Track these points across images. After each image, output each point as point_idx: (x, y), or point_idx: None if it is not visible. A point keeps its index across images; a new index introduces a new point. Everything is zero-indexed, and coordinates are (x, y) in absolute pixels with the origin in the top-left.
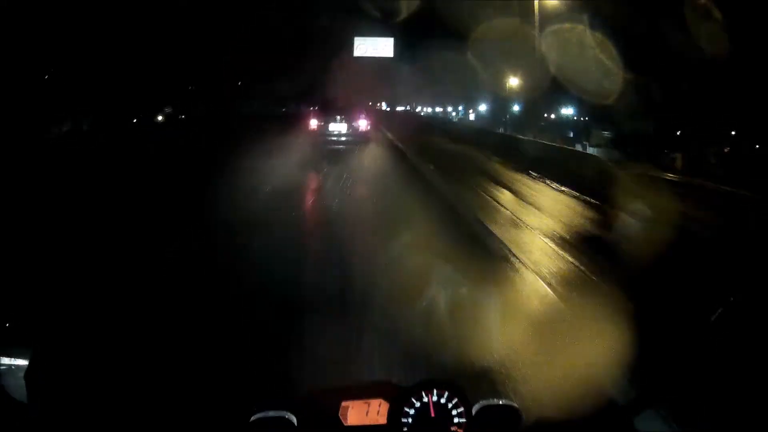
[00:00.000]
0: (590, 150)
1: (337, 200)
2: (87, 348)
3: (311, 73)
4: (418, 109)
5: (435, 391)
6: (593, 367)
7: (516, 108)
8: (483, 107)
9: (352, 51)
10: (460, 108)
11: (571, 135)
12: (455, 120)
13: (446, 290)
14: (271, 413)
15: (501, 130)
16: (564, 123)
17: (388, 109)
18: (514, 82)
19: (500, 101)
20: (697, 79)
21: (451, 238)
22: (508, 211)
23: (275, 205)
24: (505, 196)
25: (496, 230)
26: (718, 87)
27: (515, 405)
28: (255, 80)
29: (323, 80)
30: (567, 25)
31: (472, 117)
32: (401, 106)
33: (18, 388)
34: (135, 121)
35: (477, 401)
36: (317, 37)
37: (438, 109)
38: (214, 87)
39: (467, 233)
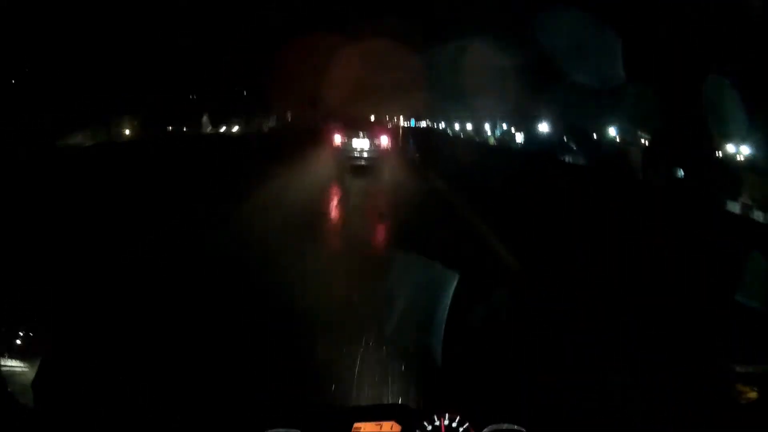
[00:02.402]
0: None
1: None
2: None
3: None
4: (442, 125)
5: (447, 416)
6: None
7: None
8: (544, 127)
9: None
10: (503, 126)
11: None
12: (491, 141)
13: None
14: (282, 430)
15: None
16: None
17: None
18: None
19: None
20: None
21: None
22: None
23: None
24: None
25: None
26: None
27: (523, 430)
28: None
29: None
30: None
31: (520, 138)
32: (423, 120)
33: (24, 393)
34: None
35: (487, 425)
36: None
37: (468, 126)
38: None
39: None
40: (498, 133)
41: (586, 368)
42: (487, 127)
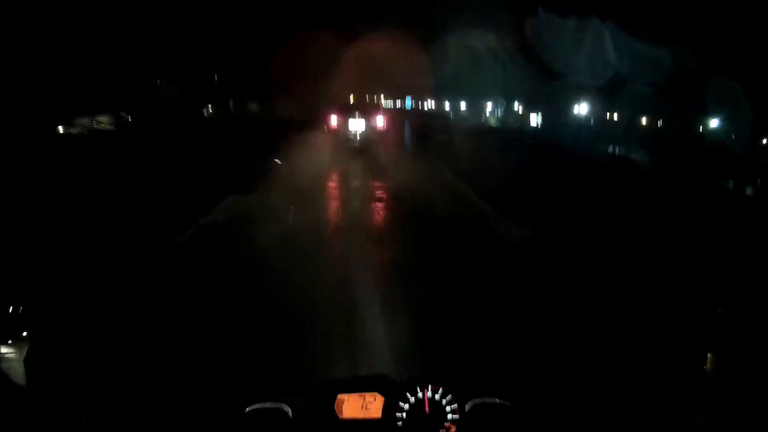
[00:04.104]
0: None
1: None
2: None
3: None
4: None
5: (430, 387)
6: None
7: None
8: (582, 108)
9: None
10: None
11: None
12: (491, 122)
13: None
14: (267, 404)
15: None
16: None
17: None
18: None
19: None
20: None
21: None
22: None
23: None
24: None
25: None
26: None
27: (507, 403)
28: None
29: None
30: None
31: (535, 122)
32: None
33: (17, 371)
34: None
35: (470, 399)
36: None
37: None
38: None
39: None
40: (498, 113)
41: (575, 345)
42: (490, 107)
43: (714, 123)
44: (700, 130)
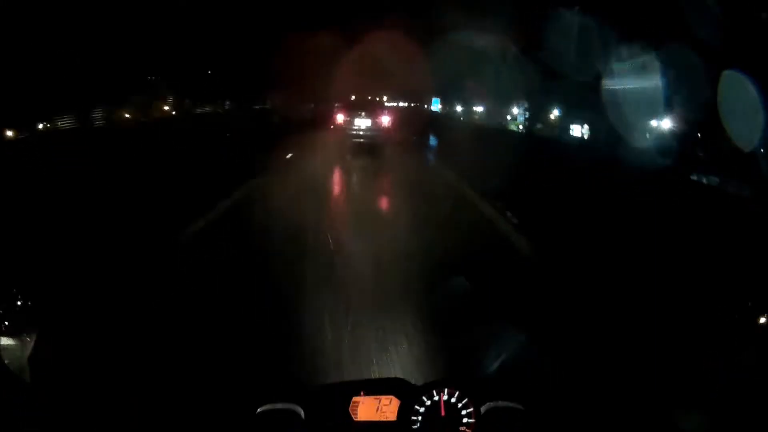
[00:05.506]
0: None
1: None
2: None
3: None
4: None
5: (446, 391)
6: None
7: None
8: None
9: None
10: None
11: None
12: (513, 127)
13: None
14: (279, 405)
15: None
16: None
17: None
18: None
19: None
20: None
21: None
22: None
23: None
24: None
25: None
26: None
27: (521, 407)
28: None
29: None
30: None
31: (579, 132)
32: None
33: (21, 368)
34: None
35: (486, 402)
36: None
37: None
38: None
39: None
40: (521, 119)
41: (589, 348)
42: (515, 111)
43: None
44: None
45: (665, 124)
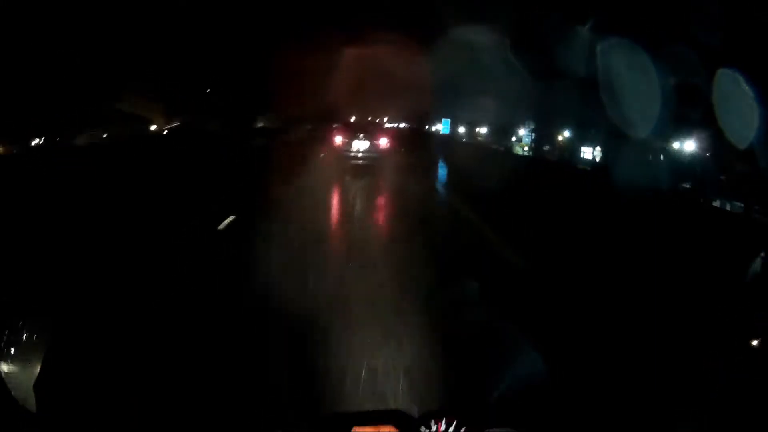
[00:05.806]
0: None
1: None
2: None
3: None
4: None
5: (444, 420)
6: None
7: None
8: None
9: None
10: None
11: None
12: (518, 150)
13: None
14: None
15: None
16: None
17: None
18: None
19: None
20: None
21: None
22: None
23: None
24: None
25: None
26: None
27: None
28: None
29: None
30: None
31: (590, 155)
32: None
33: (26, 395)
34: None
35: (484, 430)
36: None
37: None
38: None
39: None
40: (527, 140)
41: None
42: (522, 132)
43: None
44: None
45: (688, 146)
